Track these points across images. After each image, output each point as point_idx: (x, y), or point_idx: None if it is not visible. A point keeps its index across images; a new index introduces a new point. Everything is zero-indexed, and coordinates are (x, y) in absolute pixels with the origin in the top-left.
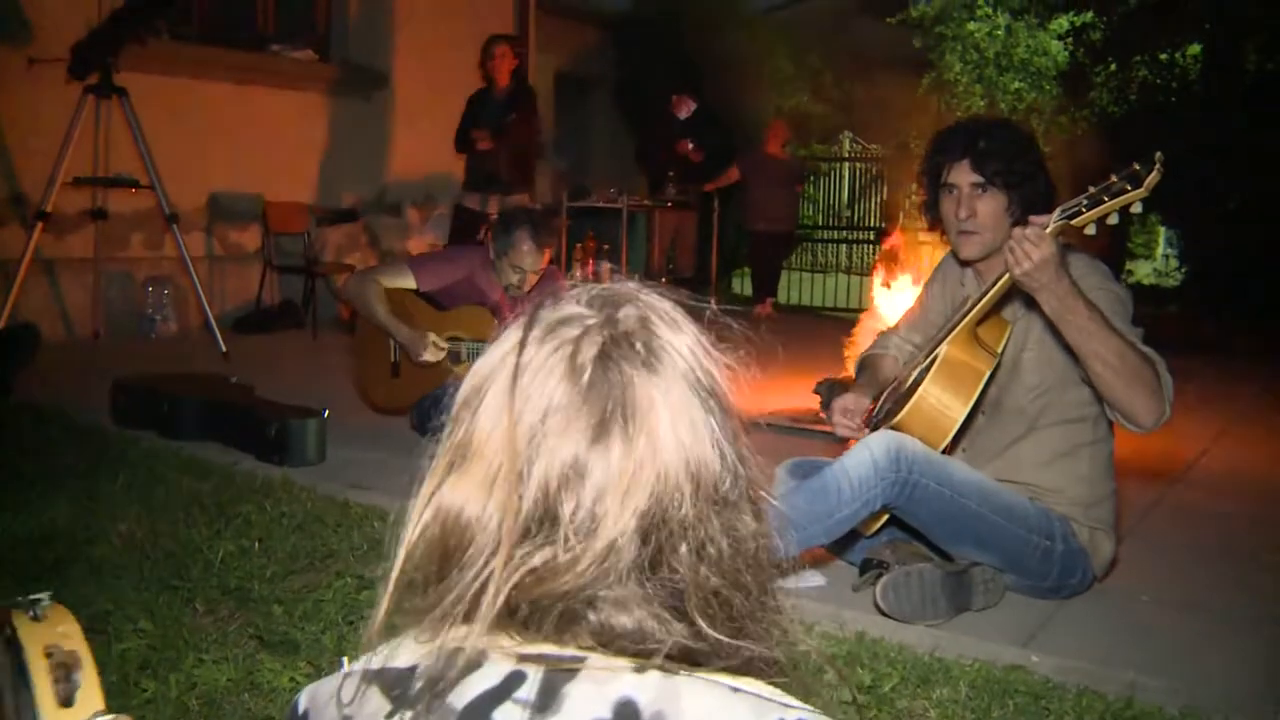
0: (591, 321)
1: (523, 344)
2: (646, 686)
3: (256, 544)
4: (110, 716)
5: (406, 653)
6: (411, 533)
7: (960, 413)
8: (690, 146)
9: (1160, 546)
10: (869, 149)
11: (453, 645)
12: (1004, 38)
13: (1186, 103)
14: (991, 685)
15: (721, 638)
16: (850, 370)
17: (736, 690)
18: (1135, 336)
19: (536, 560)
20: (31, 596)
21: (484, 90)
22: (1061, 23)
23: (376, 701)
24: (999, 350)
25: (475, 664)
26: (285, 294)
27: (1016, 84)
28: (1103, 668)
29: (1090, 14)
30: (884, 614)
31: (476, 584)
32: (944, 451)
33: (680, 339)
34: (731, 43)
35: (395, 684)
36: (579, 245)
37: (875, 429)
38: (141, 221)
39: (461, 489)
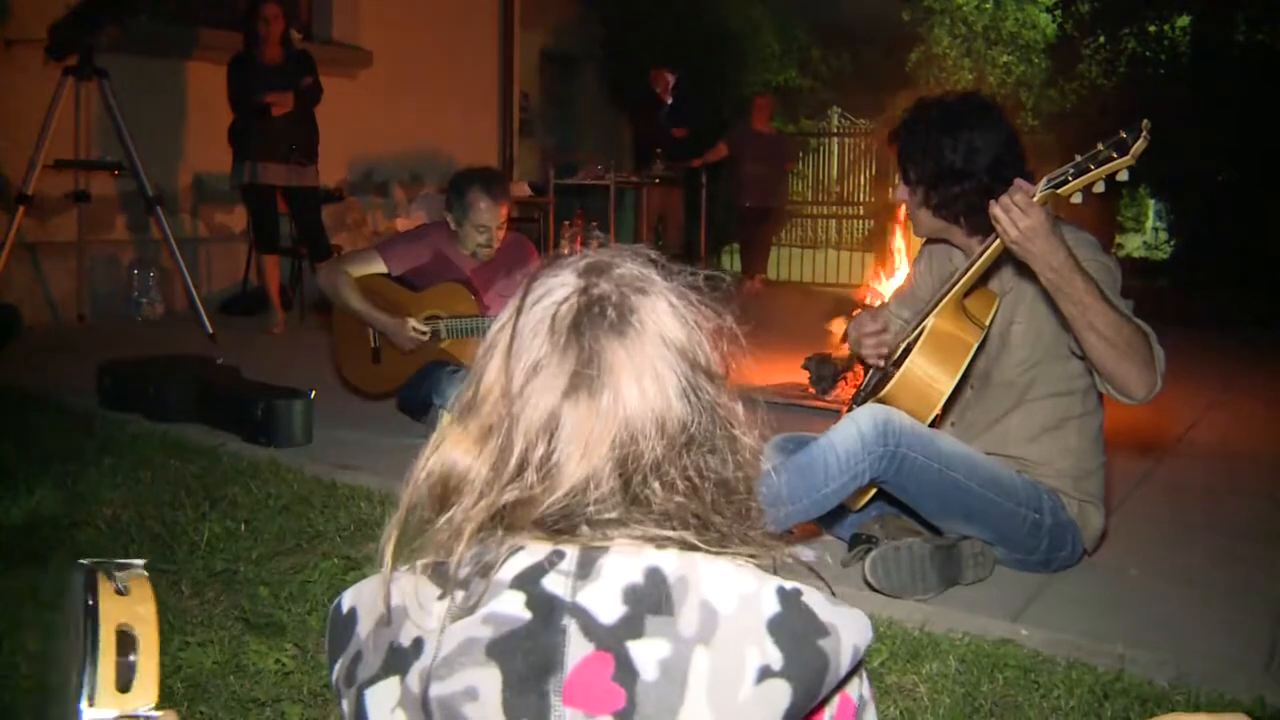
0: (571, 289)
1: (519, 310)
2: (669, 558)
3: (243, 526)
4: (159, 712)
5: (445, 552)
6: (417, 476)
7: (948, 385)
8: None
9: (1150, 519)
10: (857, 124)
11: (491, 536)
12: (992, 10)
13: (1176, 75)
14: (981, 659)
15: (709, 547)
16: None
17: (740, 565)
18: (1126, 308)
19: (508, 497)
20: (121, 561)
21: (245, 55)
22: None
23: (426, 589)
24: (987, 322)
25: (516, 549)
26: None
27: (1005, 57)
28: (1092, 641)
29: None
30: (873, 589)
31: (460, 522)
32: (932, 424)
33: (649, 301)
34: (719, 17)
35: (442, 571)
36: (567, 223)
37: (863, 402)
38: (125, 204)
39: (461, 443)
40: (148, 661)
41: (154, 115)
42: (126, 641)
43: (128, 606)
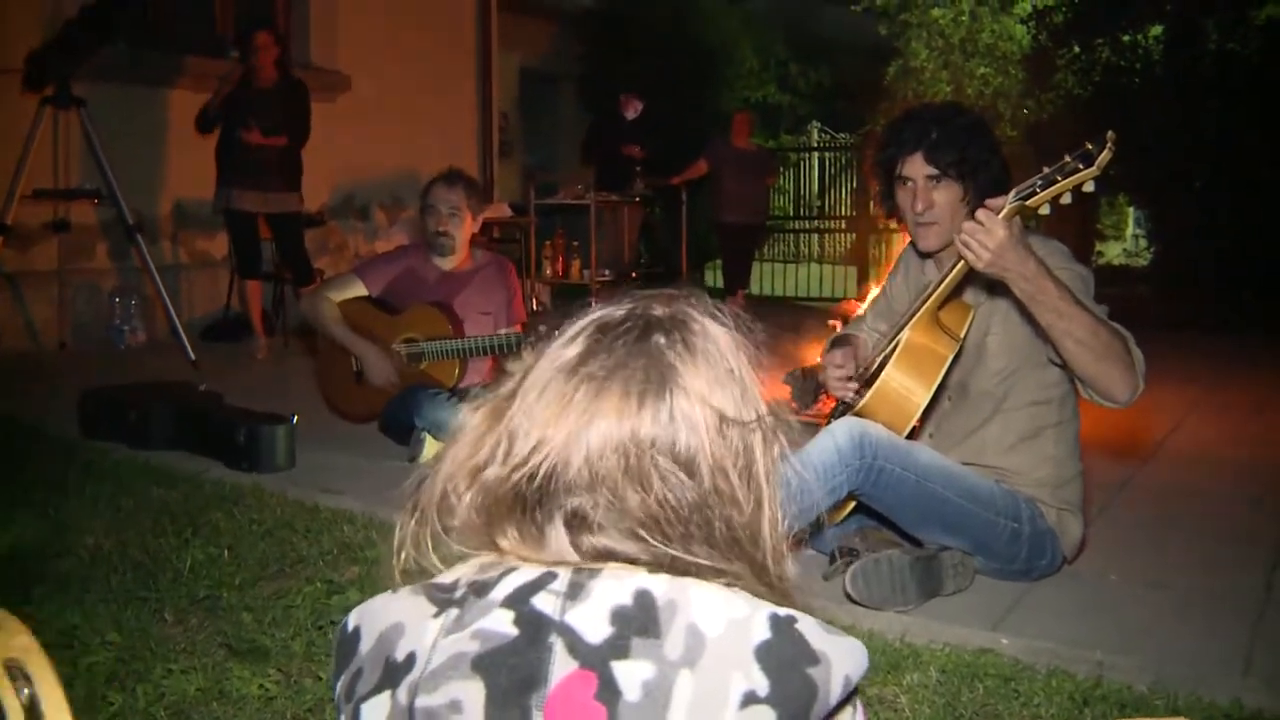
0: (625, 309)
1: (573, 321)
2: (659, 582)
3: (226, 551)
4: None
5: (447, 575)
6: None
7: (923, 397)
8: (637, 150)
9: (1129, 526)
10: (838, 138)
11: (489, 559)
12: (969, 23)
13: (1151, 83)
14: (961, 669)
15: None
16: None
17: (734, 591)
18: (1101, 313)
19: (483, 460)
20: None
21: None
22: (1024, 5)
23: (423, 607)
24: (961, 334)
25: (511, 569)
26: None
27: (983, 69)
28: (1072, 648)
29: None
30: (854, 601)
31: (449, 473)
32: (909, 436)
33: (701, 342)
34: (698, 34)
35: (440, 592)
36: (548, 243)
37: (839, 415)
38: (105, 232)
39: (474, 418)
40: (50, 689)
41: (133, 142)
42: (18, 675)
43: (3, 640)
